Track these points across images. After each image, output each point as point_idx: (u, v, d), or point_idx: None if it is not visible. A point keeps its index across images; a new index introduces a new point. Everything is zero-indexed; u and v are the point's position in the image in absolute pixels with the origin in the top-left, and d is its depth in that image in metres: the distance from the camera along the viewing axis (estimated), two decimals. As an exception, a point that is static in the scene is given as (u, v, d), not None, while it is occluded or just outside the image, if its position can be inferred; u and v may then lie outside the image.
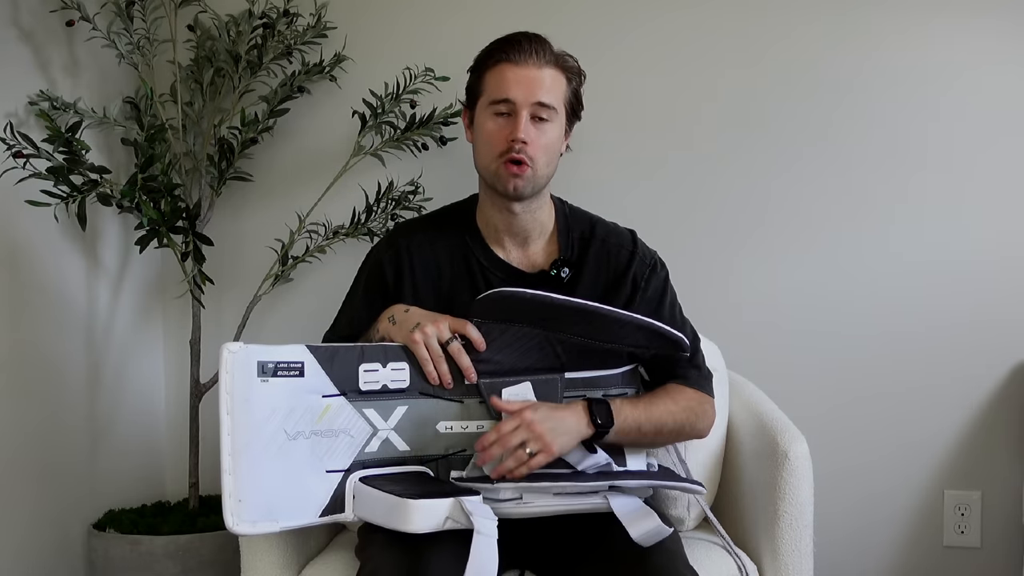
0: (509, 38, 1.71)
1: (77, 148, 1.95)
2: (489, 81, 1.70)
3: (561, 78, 1.70)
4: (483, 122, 1.70)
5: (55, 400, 2.12)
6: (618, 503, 1.55)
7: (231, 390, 1.51)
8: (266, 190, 2.37)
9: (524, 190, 1.69)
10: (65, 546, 2.14)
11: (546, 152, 1.69)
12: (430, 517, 1.47)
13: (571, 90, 1.72)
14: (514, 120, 1.67)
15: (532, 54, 1.68)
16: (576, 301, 1.62)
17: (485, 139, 1.70)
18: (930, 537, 2.27)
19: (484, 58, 1.72)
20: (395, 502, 1.48)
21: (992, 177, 2.22)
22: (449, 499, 1.48)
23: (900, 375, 2.26)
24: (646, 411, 1.65)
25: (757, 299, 2.29)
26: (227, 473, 1.48)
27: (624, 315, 1.64)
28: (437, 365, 1.61)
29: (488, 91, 1.70)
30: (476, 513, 1.46)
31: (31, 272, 2.05)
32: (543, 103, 1.67)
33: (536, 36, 1.71)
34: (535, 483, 1.54)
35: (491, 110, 1.69)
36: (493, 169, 1.69)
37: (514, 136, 1.66)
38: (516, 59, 1.68)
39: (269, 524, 1.50)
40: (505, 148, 1.67)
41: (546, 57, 1.69)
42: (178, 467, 2.37)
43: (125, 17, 2.17)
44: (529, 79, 1.67)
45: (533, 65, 1.68)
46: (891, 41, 2.23)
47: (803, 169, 2.27)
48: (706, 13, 2.27)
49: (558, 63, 1.70)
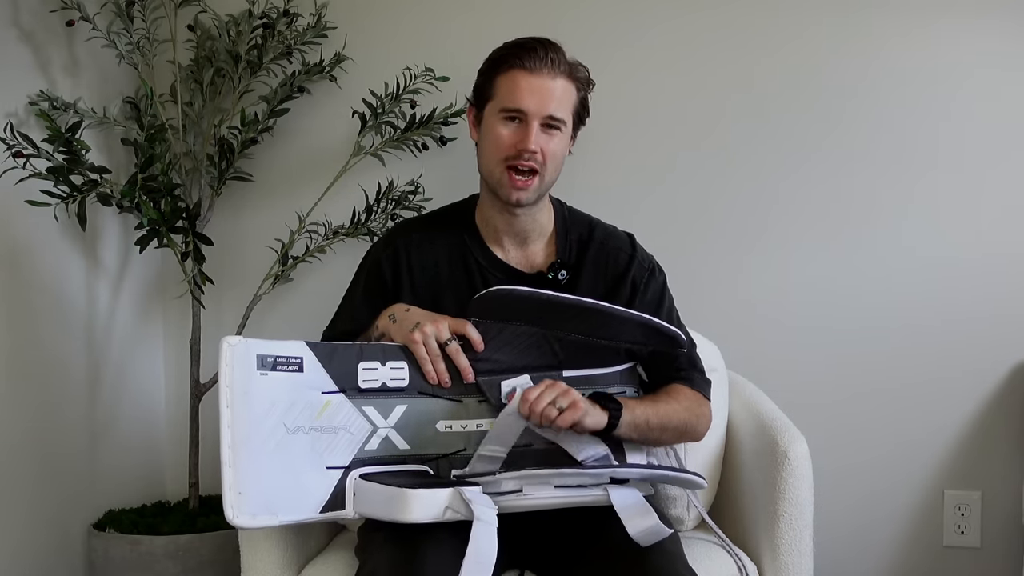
0: (524, 43, 1.69)
1: (77, 148, 1.95)
2: (501, 86, 1.68)
3: (572, 88, 1.69)
4: (492, 125, 1.69)
5: (55, 400, 2.12)
6: (618, 496, 1.55)
7: (230, 383, 1.51)
8: (266, 190, 2.37)
9: (527, 200, 1.69)
10: (65, 546, 2.14)
11: (553, 160, 1.69)
12: (430, 507, 1.47)
13: (579, 99, 1.72)
14: (525, 129, 1.66)
15: (547, 63, 1.66)
16: (573, 298, 1.63)
17: (492, 142, 1.69)
18: (930, 537, 2.27)
19: (497, 61, 1.70)
20: (394, 492, 1.48)
21: (992, 178, 2.22)
22: (448, 489, 1.48)
23: (900, 375, 2.26)
24: (653, 408, 1.65)
25: (756, 299, 2.29)
26: (227, 466, 1.48)
27: (621, 311, 1.64)
28: (435, 364, 1.61)
29: (500, 97, 1.68)
30: (476, 502, 1.47)
31: (31, 272, 2.06)
32: (554, 117, 1.67)
33: (551, 43, 1.69)
34: (536, 470, 1.53)
35: (501, 116, 1.68)
36: (497, 174, 1.69)
37: (524, 146, 1.65)
38: (530, 67, 1.66)
39: (269, 517, 1.49)
40: (513, 154, 1.66)
41: (560, 67, 1.67)
42: (178, 467, 2.37)
43: (125, 17, 2.17)
44: (542, 90, 1.66)
45: (547, 75, 1.66)
46: (898, 42, 2.23)
47: (807, 171, 2.26)
48: (714, 16, 2.27)
49: (571, 74, 1.69)
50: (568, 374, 1.66)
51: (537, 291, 1.63)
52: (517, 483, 1.54)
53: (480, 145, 1.74)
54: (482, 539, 1.43)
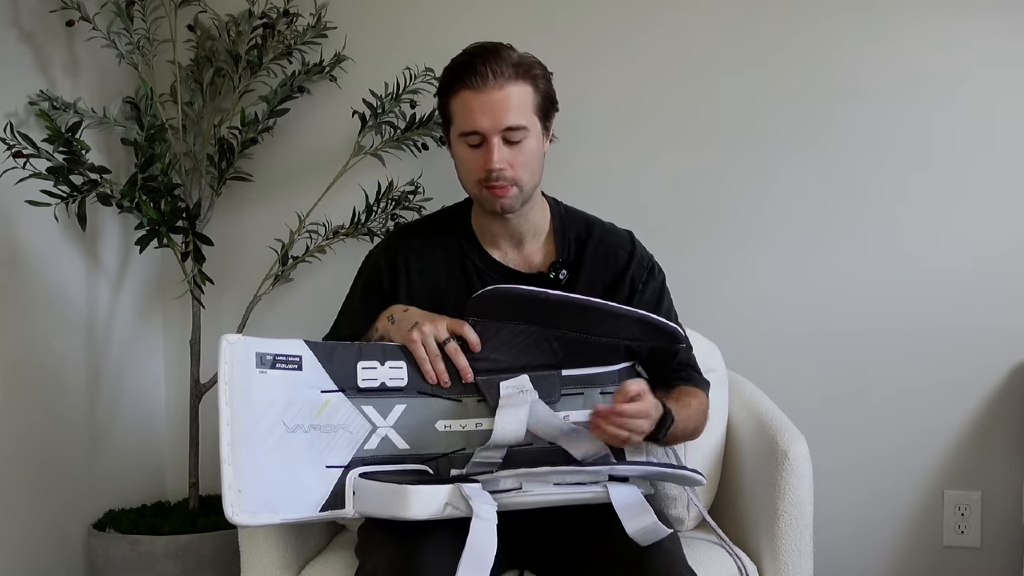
0: (464, 62, 1.65)
1: (77, 148, 1.95)
2: (455, 110, 1.66)
3: (527, 88, 1.65)
4: (458, 150, 1.69)
5: (55, 400, 2.12)
6: (617, 493, 1.54)
7: (230, 380, 1.51)
8: (266, 190, 2.37)
9: (512, 207, 1.69)
10: (65, 546, 2.15)
11: (527, 167, 1.67)
12: (429, 503, 1.47)
13: (540, 94, 1.68)
14: (487, 148, 1.64)
15: (489, 76, 1.62)
16: (570, 295, 1.63)
17: (462, 166, 1.69)
18: (930, 537, 2.27)
19: (446, 86, 1.67)
20: (394, 489, 1.48)
21: (993, 178, 2.22)
22: (448, 485, 1.48)
23: (900, 375, 2.26)
24: (680, 407, 1.66)
25: (757, 299, 2.29)
26: (226, 463, 1.47)
27: (618, 308, 1.64)
28: (435, 364, 1.61)
29: (456, 121, 1.67)
30: (475, 498, 1.47)
31: (31, 272, 2.06)
32: (512, 127, 1.64)
33: (490, 51, 1.64)
34: (535, 469, 1.53)
35: (462, 139, 1.66)
36: (475, 192, 1.70)
37: (489, 166, 1.64)
38: (475, 85, 1.62)
39: (269, 515, 1.48)
40: (483, 176, 1.66)
41: (505, 74, 1.62)
42: (178, 467, 2.37)
43: (125, 17, 2.18)
44: (493, 105, 1.62)
45: (493, 88, 1.62)
46: (898, 43, 2.22)
47: (806, 170, 2.26)
48: (713, 16, 2.27)
49: (519, 75, 1.64)
50: (567, 373, 1.66)
51: (533, 289, 1.63)
52: (516, 480, 1.54)
53: (455, 165, 1.73)
54: (481, 536, 1.43)
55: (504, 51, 1.66)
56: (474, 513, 1.45)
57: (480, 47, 1.67)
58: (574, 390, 1.65)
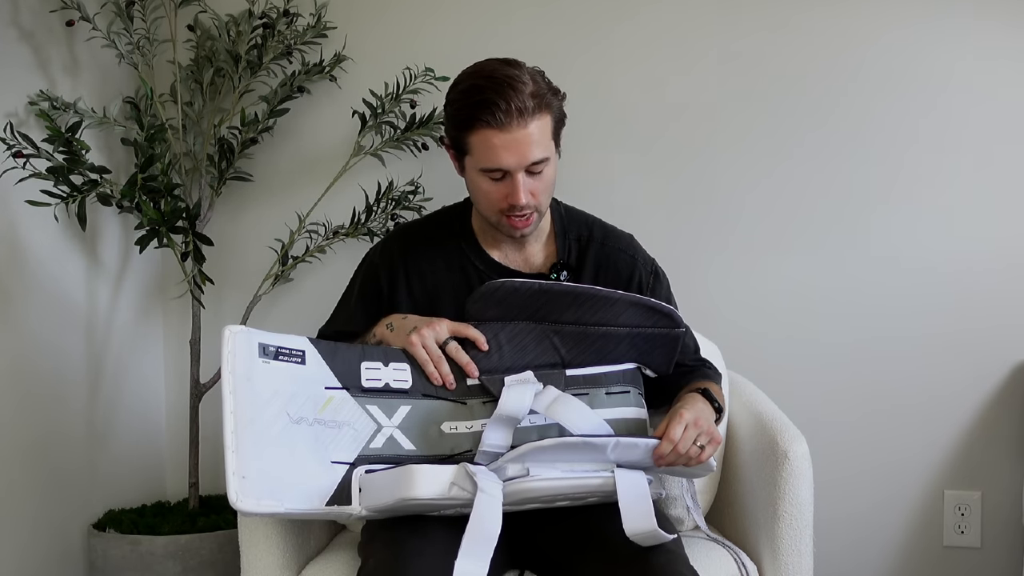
0: (485, 100, 1.58)
1: (77, 148, 1.95)
2: (475, 145, 1.62)
3: (547, 120, 1.63)
4: (477, 181, 1.66)
5: (55, 399, 2.12)
6: (624, 483, 1.51)
7: (233, 369, 1.50)
8: (266, 190, 2.37)
9: (532, 231, 1.70)
10: (65, 546, 2.14)
11: (547, 192, 1.68)
12: (435, 482, 1.46)
13: (555, 119, 1.65)
14: (511, 182, 1.62)
15: (513, 114, 1.57)
16: (564, 284, 1.63)
17: (482, 196, 1.67)
18: (930, 537, 2.27)
19: (463, 121, 1.61)
20: (400, 470, 1.47)
21: (993, 178, 2.22)
22: (454, 465, 1.48)
23: (900, 375, 2.26)
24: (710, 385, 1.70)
25: (757, 300, 2.29)
26: (230, 451, 1.45)
27: (611, 292, 1.65)
28: (438, 365, 1.61)
29: (476, 156, 1.63)
30: (480, 475, 1.46)
31: (31, 272, 2.06)
32: (536, 161, 1.62)
33: (506, 84, 1.58)
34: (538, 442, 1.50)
35: (484, 174, 1.64)
36: (494, 219, 1.69)
37: (514, 201, 1.63)
38: (498, 123, 1.57)
39: (274, 503, 1.46)
40: (505, 207, 1.65)
41: (528, 111, 1.58)
42: (178, 467, 2.37)
43: (125, 17, 2.18)
44: (517, 143, 1.59)
45: (517, 126, 1.58)
46: (898, 44, 2.22)
47: (807, 170, 2.26)
48: (711, 17, 2.27)
49: (540, 108, 1.60)
50: (571, 373, 1.66)
51: (528, 281, 1.63)
52: (523, 467, 1.53)
53: (469, 190, 1.71)
54: (486, 511, 1.43)
55: (518, 81, 1.59)
56: (479, 489, 1.44)
57: (491, 78, 1.60)
58: (579, 391, 1.64)
